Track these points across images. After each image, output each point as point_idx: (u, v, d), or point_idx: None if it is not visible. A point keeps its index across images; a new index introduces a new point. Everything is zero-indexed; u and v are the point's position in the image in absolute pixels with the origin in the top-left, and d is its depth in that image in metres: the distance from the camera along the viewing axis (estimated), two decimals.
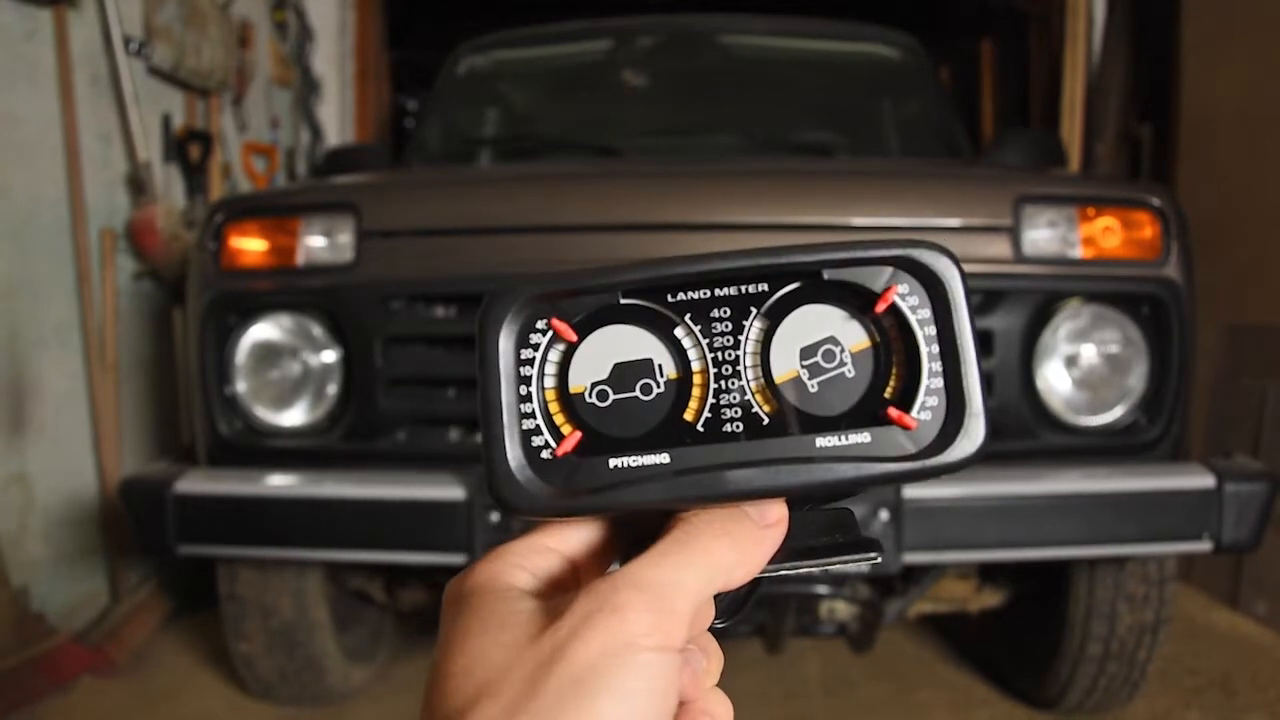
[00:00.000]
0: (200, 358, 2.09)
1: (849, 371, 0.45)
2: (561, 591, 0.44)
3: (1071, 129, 4.47)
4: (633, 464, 0.45)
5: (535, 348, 0.46)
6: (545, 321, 0.46)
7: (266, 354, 2.10)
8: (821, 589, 2.08)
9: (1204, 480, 1.89)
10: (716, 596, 0.48)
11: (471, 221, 2.07)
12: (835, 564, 0.48)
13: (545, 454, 0.46)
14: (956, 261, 0.45)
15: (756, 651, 2.54)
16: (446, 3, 6.11)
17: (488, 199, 2.14)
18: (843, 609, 2.22)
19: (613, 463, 0.45)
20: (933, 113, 3.21)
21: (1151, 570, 2.16)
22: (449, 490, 1.89)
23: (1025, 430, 1.97)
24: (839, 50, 3.40)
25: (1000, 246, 1.98)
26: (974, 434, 0.44)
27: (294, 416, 2.10)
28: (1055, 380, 2.02)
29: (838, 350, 0.45)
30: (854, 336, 0.45)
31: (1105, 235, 2.01)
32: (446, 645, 0.42)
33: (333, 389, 2.09)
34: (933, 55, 3.46)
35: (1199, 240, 2.10)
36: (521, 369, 0.46)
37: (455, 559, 1.90)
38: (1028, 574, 2.39)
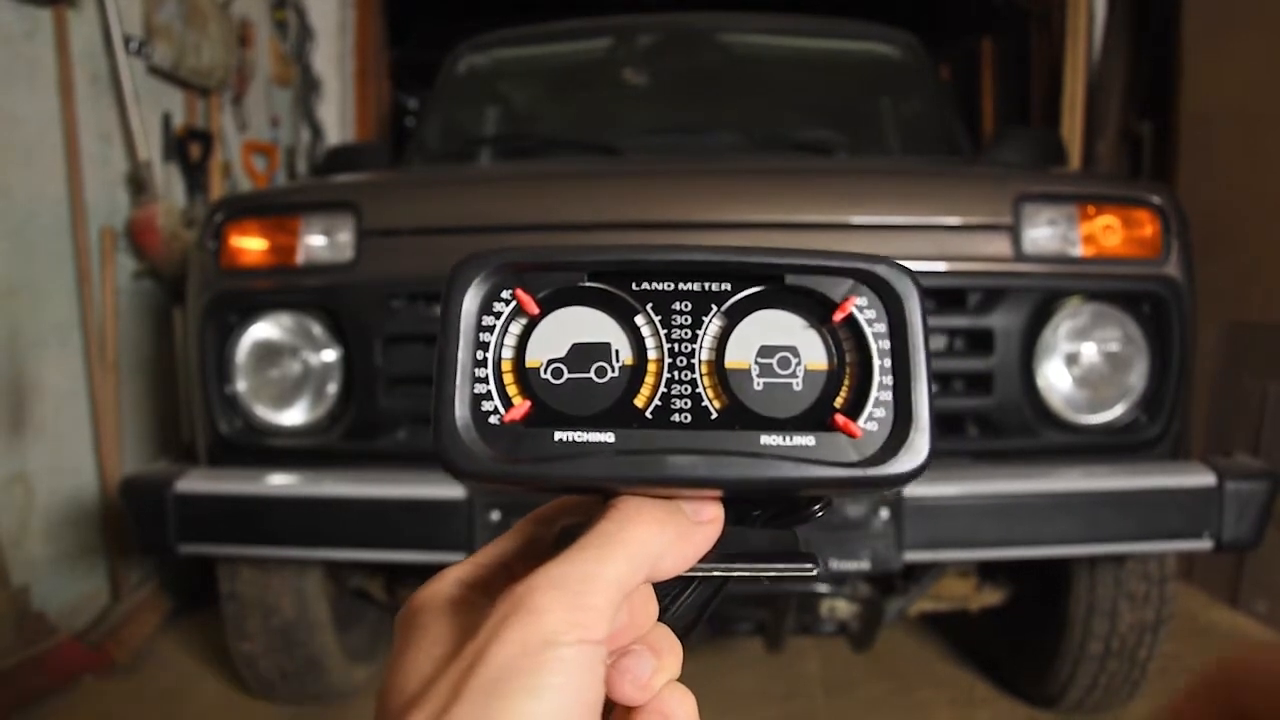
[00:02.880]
0: (200, 357, 2.09)
1: (797, 385, 0.46)
2: None
3: (1072, 127, 4.46)
4: (577, 439, 0.46)
5: (497, 315, 0.47)
6: (510, 291, 0.47)
7: (267, 353, 2.10)
8: (822, 587, 2.08)
9: (1204, 479, 1.89)
10: (672, 603, 0.48)
11: (472, 220, 2.07)
12: (769, 572, 0.48)
13: (493, 419, 0.46)
14: (916, 280, 0.46)
15: (757, 650, 2.55)
16: (447, 1, 6.11)
17: (488, 198, 2.14)
18: (843, 607, 2.22)
19: (558, 436, 0.46)
20: (933, 111, 3.21)
21: (1152, 568, 2.16)
22: (449, 489, 1.89)
23: (1026, 428, 1.97)
24: (839, 49, 3.40)
25: (1000, 245, 1.98)
26: (918, 448, 0.44)
27: (294, 415, 2.10)
28: (1056, 378, 2.01)
29: (794, 362, 0.46)
30: (813, 354, 0.46)
31: (1106, 233, 2.01)
32: (388, 665, 0.43)
33: (333, 388, 2.09)
34: (933, 53, 3.46)
35: (1199, 238, 2.10)
36: (481, 334, 0.47)
37: (455, 557, 1.88)
38: (1028, 572, 2.39)
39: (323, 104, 5.10)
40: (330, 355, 2.09)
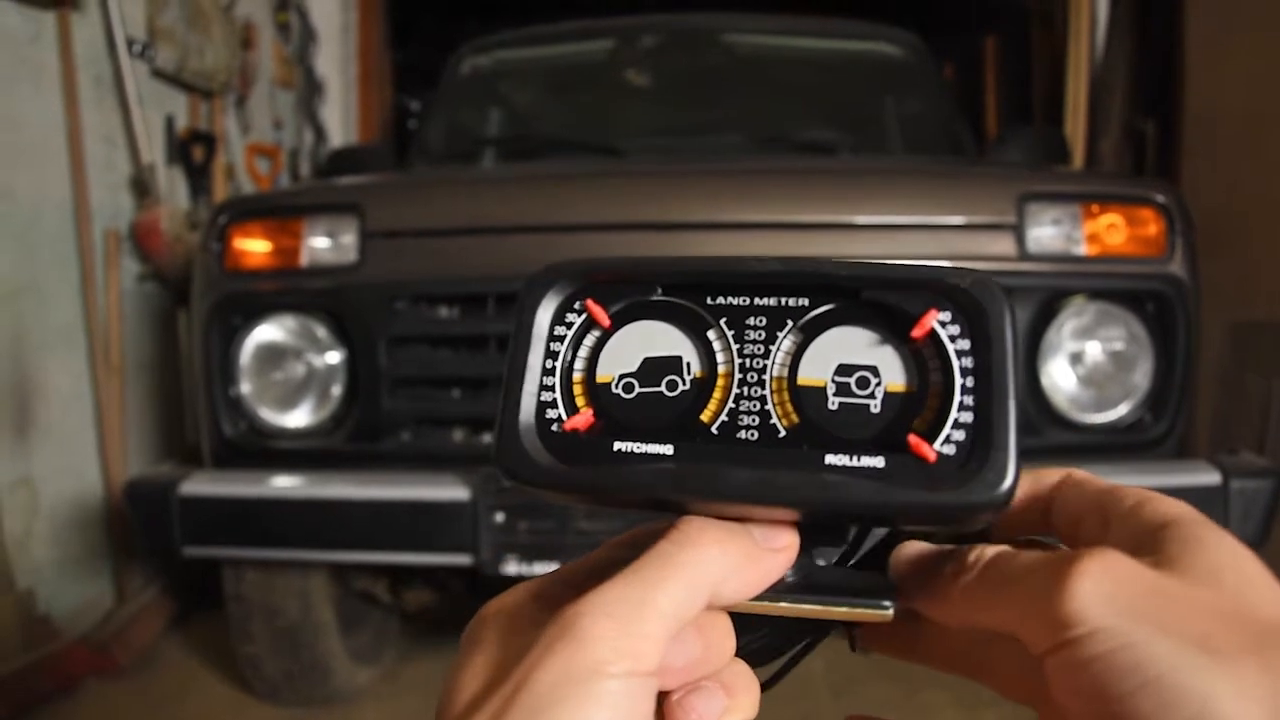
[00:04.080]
0: (205, 359, 2.09)
1: (875, 406, 0.43)
2: None
3: (1075, 125, 4.46)
4: (635, 450, 0.45)
5: (569, 325, 0.47)
6: (582, 303, 0.47)
7: (271, 355, 2.10)
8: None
9: (1209, 477, 1.88)
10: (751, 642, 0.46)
11: (475, 222, 2.07)
12: (840, 607, 0.45)
13: (555, 426, 0.46)
14: (1005, 294, 0.43)
15: None
16: (450, 3, 6.12)
17: (491, 199, 2.14)
18: None
19: (617, 445, 0.45)
20: (936, 110, 3.21)
21: None
22: (453, 491, 1.89)
23: (1030, 428, 1.97)
24: (842, 49, 3.40)
25: (1004, 244, 1.98)
26: (997, 478, 0.40)
27: (298, 418, 2.10)
28: (1060, 378, 2.01)
29: (873, 382, 0.44)
30: (893, 374, 0.44)
31: (1109, 232, 2.01)
32: (448, 677, 0.41)
33: (337, 390, 2.09)
34: (936, 52, 3.46)
35: (1204, 236, 2.09)
36: (552, 344, 0.47)
37: (460, 559, 1.90)
38: None
39: (326, 106, 5.10)
40: (334, 357, 2.09)
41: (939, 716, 2.47)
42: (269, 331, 2.10)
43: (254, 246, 2.10)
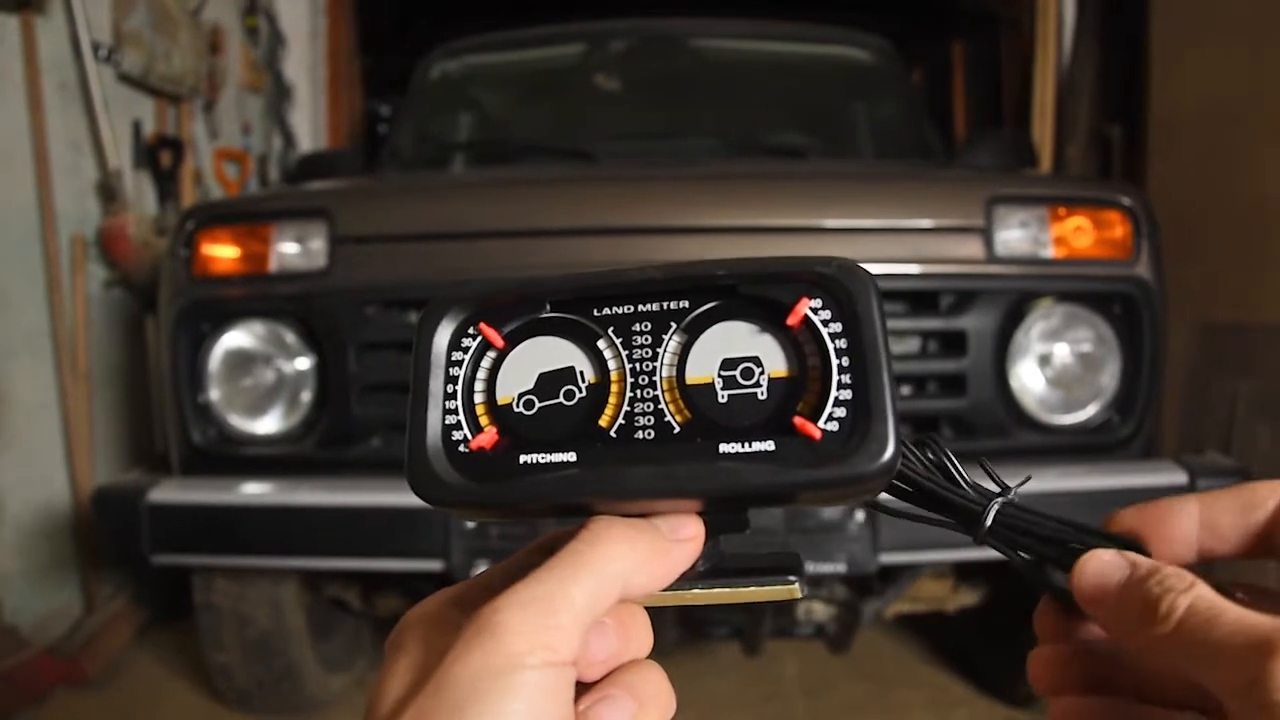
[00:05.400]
0: (173, 366, 2.07)
1: (761, 394, 0.46)
2: None
3: (1043, 130, 4.50)
4: (540, 460, 0.47)
5: (465, 350, 0.50)
6: (476, 327, 0.50)
7: (239, 361, 2.09)
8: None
9: (1176, 477, 1.91)
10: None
11: (445, 226, 2.06)
12: (748, 588, 0.48)
13: (462, 447, 0.48)
14: (867, 275, 0.45)
15: (734, 654, 2.55)
16: (419, 8, 6.10)
17: (461, 204, 2.14)
18: (820, 610, 2.22)
19: (523, 459, 0.47)
20: (905, 115, 3.23)
21: None
22: None
23: (999, 429, 1.98)
24: (811, 53, 3.42)
25: (973, 247, 2.00)
26: (878, 448, 0.43)
27: (268, 424, 2.09)
28: (1029, 379, 2.03)
29: (757, 371, 0.46)
30: (775, 361, 0.46)
31: (1076, 235, 2.03)
32: (374, 685, 0.42)
33: (306, 396, 2.07)
34: (905, 57, 3.48)
35: (1170, 239, 2.12)
36: (451, 368, 0.49)
37: (431, 565, 1.89)
38: (1004, 572, 2.40)
39: (295, 111, 5.07)
40: (304, 363, 2.07)
41: (912, 715, 2.48)
42: (237, 337, 2.08)
43: (222, 252, 2.09)
